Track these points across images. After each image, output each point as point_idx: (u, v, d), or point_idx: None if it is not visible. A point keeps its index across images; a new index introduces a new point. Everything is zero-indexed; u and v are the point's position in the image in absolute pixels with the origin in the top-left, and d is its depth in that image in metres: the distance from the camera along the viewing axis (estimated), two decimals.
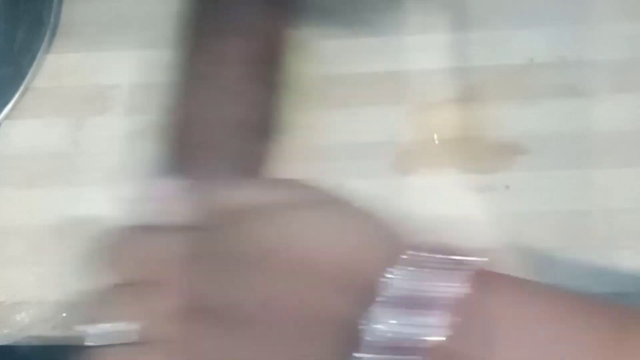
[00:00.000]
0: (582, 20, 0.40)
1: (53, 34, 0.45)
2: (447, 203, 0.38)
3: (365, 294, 0.23)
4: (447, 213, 0.38)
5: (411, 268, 0.23)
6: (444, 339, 0.22)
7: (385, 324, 0.22)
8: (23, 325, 0.39)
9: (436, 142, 0.40)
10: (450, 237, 0.25)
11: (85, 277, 0.30)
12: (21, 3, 0.46)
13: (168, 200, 0.29)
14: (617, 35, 0.40)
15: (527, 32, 0.41)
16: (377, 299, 0.23)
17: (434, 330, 0.22)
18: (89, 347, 0.29)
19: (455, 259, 0.24)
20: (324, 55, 0.42)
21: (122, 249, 0.29)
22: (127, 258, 0.28)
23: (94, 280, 0.29)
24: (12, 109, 0.44)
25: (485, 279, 0.24)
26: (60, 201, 0.41)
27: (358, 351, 0.22)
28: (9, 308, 0.39)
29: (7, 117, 0.44)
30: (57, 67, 0.45)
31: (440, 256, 0.24)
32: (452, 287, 0.23)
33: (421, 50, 0.41)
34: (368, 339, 0.22)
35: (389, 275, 0.23)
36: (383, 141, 0.40)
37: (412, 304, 0.23)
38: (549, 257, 0.37)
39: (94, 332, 0.28)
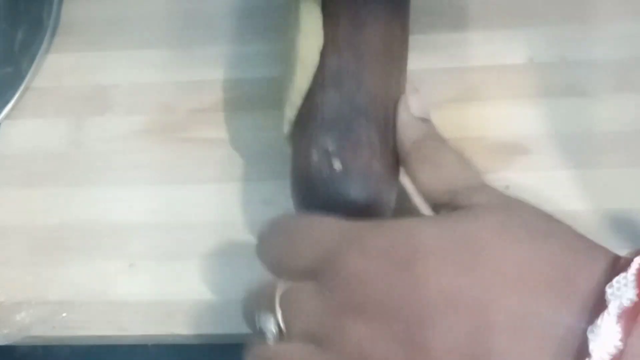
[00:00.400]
0: (582, 20, 0.40)
1: (53, 34, 0.45)
2: None
3: (590, 303, 0.22)
4: None
5: (634, 275, 0.22)
6: None
7: (612, 337, 0.21)
8: (23, 325, 0.39)
9: None
10: None
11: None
12: (21, 3, 0.46)
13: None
14: (617, 35, 0.40)
15: (527, 32, 0.40)
16: (604, 309, 0.22)
17: None
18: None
19: None
20: None
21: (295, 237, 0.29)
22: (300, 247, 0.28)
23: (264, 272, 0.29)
24: (12, 109, 0.44)
25: None
26: (60, 201, 0.41)
27: None
28: (9, 308, 0.39)
29: (7, 117, 0.44)
30: (57, 67, 0.45)
31: None
32: None
33: (421, 50, 0.41)
34: (594, 351, 0.21)
35: (614, 284, 0.22)
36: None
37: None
38: None
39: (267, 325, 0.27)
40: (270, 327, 0.27)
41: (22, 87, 0.44)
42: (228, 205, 0.40)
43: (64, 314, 0.39)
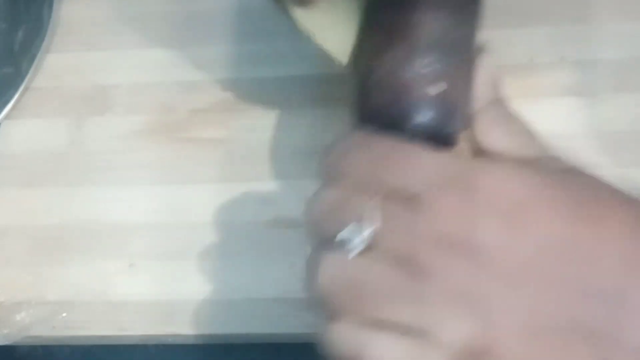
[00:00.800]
0: (582, 20, 0.40)
1: (53, 34, 0.45)
2: None
3: None
4: None
5: None
6: None
7: None
8: (23, 325, 0.39)
9: None
10: None
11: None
12: (21, 3, 0.46)
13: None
14: (617, 35, 0.40)
15: (527, 32, 0.40)
16: None
17: None
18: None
19: None
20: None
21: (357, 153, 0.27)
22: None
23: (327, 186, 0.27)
24: (12, 108, 0.44)
25: None
26: (60, 201, 0.41)
27: None
28: (9, 308, 0.39)
29: (7, 117, 0.44)
30: (57, 67, 0.45)
31: None
32: None
33: None
34: None
35: None
36: None
37: None
38: None
39: (355, 235, 0.25)
40: (357, 237, 0.25)
41: (22, 87, 0.44)
42: (228, 205, 0.40)
43: (64, 314, 0.39)
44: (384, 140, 0.27)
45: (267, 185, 0.40)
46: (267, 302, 0.37)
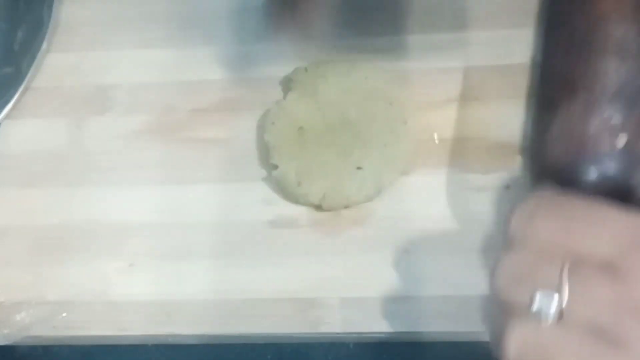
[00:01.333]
0: None
1: (53, 34, 0.45)
2: (447, 203, 0.38)
3: None
4: (447, 213, 0.38)
5: None
6: None
7: None
8: (23, 325, 0.39)
9: (436, 142, 0.40)
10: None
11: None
12: (21, 3, 0.46)
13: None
14: None
15: (527, 32, 0.40)
16: None
17: None
18: None
19: None
20: (325, 56, 0.42)
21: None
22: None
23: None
24: (12, 109, 0.44)
25: None
26: (60, 201, 0.41)
27: None
28: (9, 308, 0.39)
29: (7, 117, 0.44)
30: (57, 67, 0.45)
31: None
32: None
33: (421, 50, 0.41)
34: None
35: None
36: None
37: None
38: None
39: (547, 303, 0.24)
40: (551, 306, 0.24)
41: (22, 87, 0.44)
42: (228, 205, 0.40)
43: (64, 314, 0.39)
44: (569, 201, 0.26)
45: (267, 185, 0.40)
46: (267, 302, 0.37)
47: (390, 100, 0.39)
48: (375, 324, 0.36)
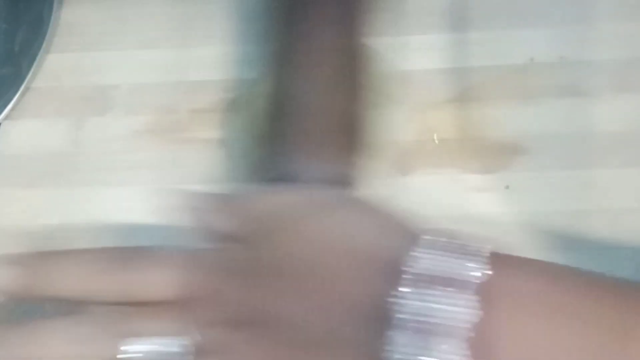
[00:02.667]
0: (582, 20, 0.40)
1: (53, 34, 0.45)
2: (447, 203, 0.38)
3: (393, 275, 0.24)
4: (447, 213, 0.38)
5: (432, 250, 0.24)
6: (473, 319, 0.23)
7: (413, 301, 0.23)
8: None
9: (436, 142, 0.40)
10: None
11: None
12: (21, 3, 0.46)
13: (207, 211, 0.30)
14: (617, 35, 0.40)
15: (527, 32, 0.40)
16: (404, 277, 0.23)
17: (463, 310, 0.23)
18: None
19: (472, 244, 0.24)
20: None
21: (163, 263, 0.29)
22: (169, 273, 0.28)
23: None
24: (12, 109, 0.44)
25: (504, 261, 0.24)
26: (60, 201, 0.41)
27: (390, 329, 0.23)
28: None
29: (7, 117, 0.44)
30: (57, 67, 0.45)
31: (457, 241, 0.24)
32: (474, 269, 0.23)
33: (421, 50, 0.41)
34: (399, 316, 0.23)
35: (412, 254, 0.24)
36: (383, 141, 0.40)
37: (438, 283, 0.23)
38: (548, 257, 0.37)
39: (142, 348, 0.27)
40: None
41: (22, 87, 0.44)
42: None
43: None
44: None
45: (267, 185, 0.40)
46: None
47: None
48: None
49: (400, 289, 0.23)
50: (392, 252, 0.25)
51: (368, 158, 0.36)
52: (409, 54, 0.41)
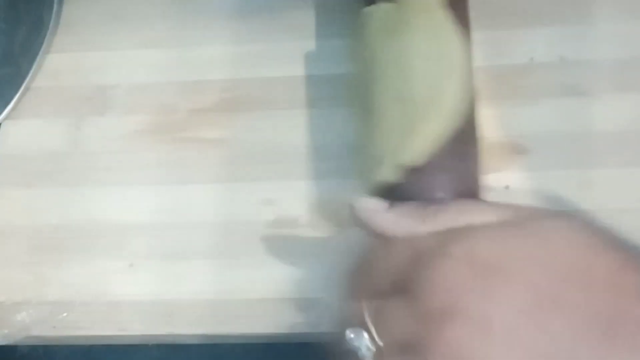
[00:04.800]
0: (582, 20, 0.40)
1: (53, 34, 0.45)
2: None
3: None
4: None
5: None
6: None
7: None
8: (23, 325, 0.39)
9: None
10: None
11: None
12: (21, 3, 0.46)
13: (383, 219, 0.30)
14: (617, 35, 0.40)
15: (527, 32, 0.40)
16: None
17: None
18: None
19: None
20: (325, 56, 0.42)
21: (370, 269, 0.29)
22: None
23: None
24: (12, 109, 0.44)
25: None
26: (60, 201, 0.41)
27: None
28: (9, 308, 0.39)
29: (7, 117, 0.44)
30: (57, 67, 0.45)
31: None
32: None
33: None
34: None
35: None
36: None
37: None
38: None
39: (361, 342, 0.27)
40: (364, 342, 0.27)
41: (22, 87, 0.44)
42: (228, 205, 0.40)
43: (64, 314, 0.39)
44: (369, 250, 0.30)
45: (267, 185, 0.40)
46: (267, 302, 0.37)
47: None
48: None
49: None
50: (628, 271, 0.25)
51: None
52: None
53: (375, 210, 0.31)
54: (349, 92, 0.40)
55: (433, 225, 0.29)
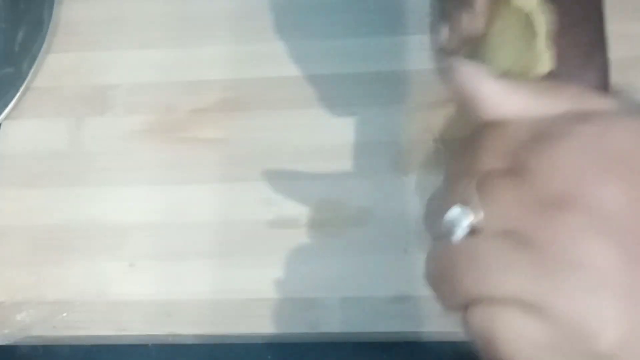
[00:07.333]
0: None
1: (53, 34, 0.45)
2: None
3: None
4: None
5: None
6: None
7: None
8: (23, 325, 0.39)
9: (436, 142, 0.40)
10: None
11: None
12: (21, 3, 0.46)
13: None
14: (617, 35, 0.40)
15: None
16: None
17: None
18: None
19: None
20: (325, 56, 0.42)
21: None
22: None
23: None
24: (12, 109, 0.44)
25: None
26: (60, 201, 0.41)
27: None
28: (9, 308, 0.39)
29: (7, 117, 0.44)
30: (57, 67, 0.45)
31: None
32: None
33: (421, 50, 0.41)
34: None
35: None
36: (383, 141, 0.40)
37: None
38: None
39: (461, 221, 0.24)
40: (464, 221, 0.24)
41: (22, 87, 0.44)
42: (228, 205, 0.40)
43: (64, 314, 0.39)
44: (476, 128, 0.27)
45: (267, 185, 0.40)
46: (267, 302, 0.37)
47: None
48: (375, 324, 0.36)
49: None
50: None
51: None
52: (409, 54, 0.41)
53: (482, 78, 0.27)
54: None
55: (552, 104, 0.25)
